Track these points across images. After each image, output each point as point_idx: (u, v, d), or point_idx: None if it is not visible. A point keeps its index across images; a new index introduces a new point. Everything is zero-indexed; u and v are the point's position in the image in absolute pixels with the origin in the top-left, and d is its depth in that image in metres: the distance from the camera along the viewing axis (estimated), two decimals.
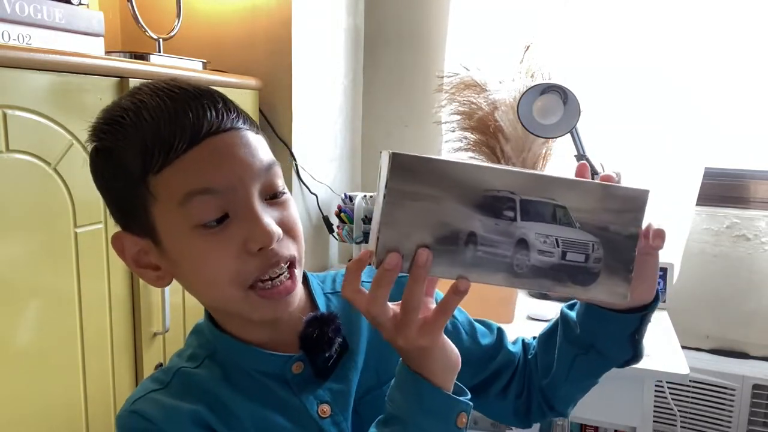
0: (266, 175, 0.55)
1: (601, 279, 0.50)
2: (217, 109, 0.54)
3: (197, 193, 0.52)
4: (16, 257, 0.88)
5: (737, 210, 1.75)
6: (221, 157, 0.53)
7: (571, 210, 0.49)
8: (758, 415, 1.68)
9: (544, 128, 1.56)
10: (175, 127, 0.52)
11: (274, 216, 0.55)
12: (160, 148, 0.52)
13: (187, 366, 0.62)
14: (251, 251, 0.53)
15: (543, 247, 0.48)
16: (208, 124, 0.53)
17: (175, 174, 0.52)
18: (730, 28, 1.59)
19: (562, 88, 1.53)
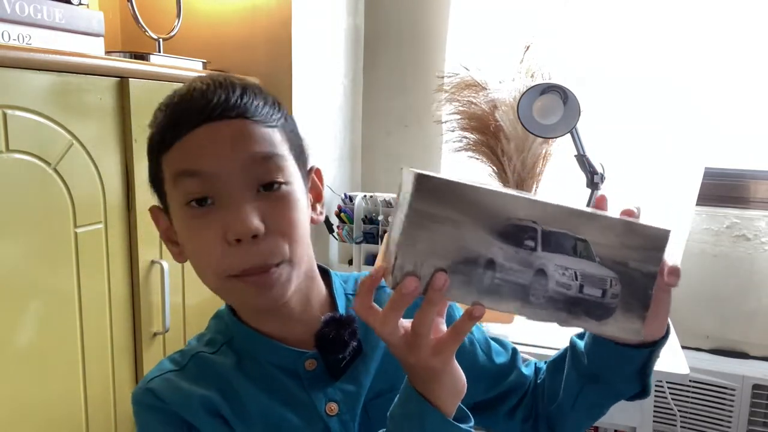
0: (258, 168, 0.55)
1: (617, 315, 0.50)
2: (228, 97, 0.55)
3: (185, 174, 0.54)
4: (16, 257, 0.88)
5: (737, 210, 1.75)
6: (213, 143, 0.54)
7: (592, 244, 0.48)
8: (758, 415, 1.68)
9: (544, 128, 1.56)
10: (185, 110, 0.55)
11: (262, 209, 0.54)
12: (171, 129, 0.55)
13: (204, 351, 0.63)
14: (230, 241, 0.53)
15: (561, 279, 0.48)
16: (211, 109, 0.54)
17: (176, 154, 0.55)
18: (730, 28, 1.59)
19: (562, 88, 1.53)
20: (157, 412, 0.59)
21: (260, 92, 0.59)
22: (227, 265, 0.54)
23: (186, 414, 0.58)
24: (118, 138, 1.07)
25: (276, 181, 0.56)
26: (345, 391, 0.62)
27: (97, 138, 1.02)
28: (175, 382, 0.60)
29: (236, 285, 0.55)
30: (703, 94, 1.63)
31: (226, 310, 0.66)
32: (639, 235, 0.49)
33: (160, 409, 0.59)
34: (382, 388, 0.64)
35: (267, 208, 0.55)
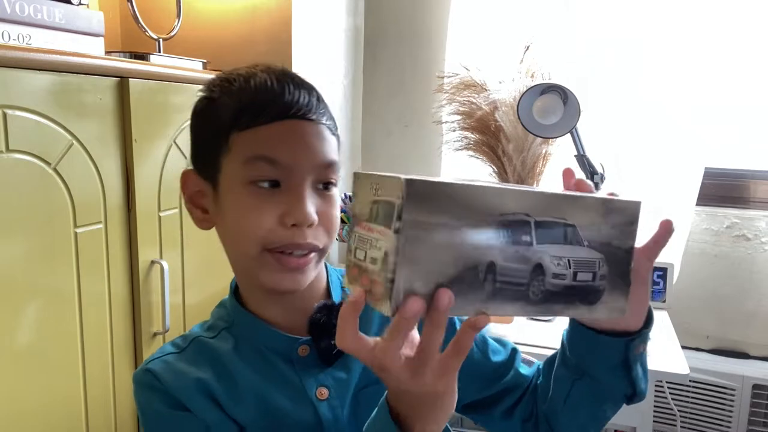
0: (324, 170, 0.61)
1: (605, 296, 0.49)
2: (310, 99, 0.61)
3: (262, 159, 0.59)
4: (16, 257, 0.88)
5: (737, 210, 1.75)
6: (294, 139, 0.60)
7: (579, 228, 0.48)
8: (758, 415, 1.68)
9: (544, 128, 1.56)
10: (270, 100, 0.60)
11: (317, 204, 0.60)
12: (251, 112, 0.59)
13: (204, 335, 0.67)
14: (285, 224, 0.59)
15: (557, 270, 0.47)
16: (296, 108, 0.60)
17: (253, 137, 0.59)
18: (730, 28, 1.59)
19: (562, 88, 1.53)
20: (155, 392, 0.62)
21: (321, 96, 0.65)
22: (272, 238, 0.59)
23: (181, 396, 0.62)
24: (118, 138, 1.07)
25: (331, 182, 0.62)
26: (336, 378, 0.65)
27: (97, 138, 1.02)
28: (173, 365, 0.64)
29: (269, 260, 0.60)
30: (703, 94, 1.63)
31: (230, 298, 0.69)
32: (617, 211, 0.50)
33: (158, 389, 0.62)
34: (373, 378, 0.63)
35: (320, 204, 0.61)
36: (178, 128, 1.22)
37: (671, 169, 1.69)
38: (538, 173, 1.73)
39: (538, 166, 1.72)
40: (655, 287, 1.56)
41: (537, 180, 1.73)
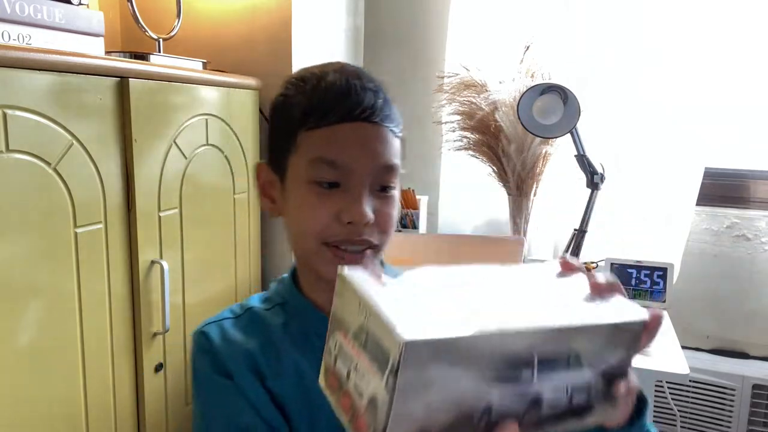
0: (383, 173, 0.64)
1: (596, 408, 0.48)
2: (375, 102, 0.63)
3: (324, 162, 0.62)
4: (16, 257, 0.88)
5: (737, 210, 1.75)
6: (356, 142, 0.62)
7: (582, 354, 0.45)
8: (758, 415, 1.68)
9: (544, 128, 1.56)
10: (336, 101, 0.62)
11: (374, 205, 0.63)
12: (318, 113, 0.62)
13: (259, 307, 0.72)
14: (341, 221, 0.62)
15: (554, 400, 0.45)
16: (360, 111, 0.62)
17: (318, 138, 0.63)
18: (730, 28, 1.59)
19: (562, 88, 1.53)
20: (206, 354, 0.68)
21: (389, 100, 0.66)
22: (329, 234, 0.63)
23: (228, 363, 0.66)
24: (118, 138, 1.07)
25: (390, 186, 0.65)
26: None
27: (97, 138, 1.02)
28: (227, 331, 0.68)
29: (326, 253, 0.64)
30: (703, 95, 1.63)
31: (288, 277, 0.73)
32: (622, 332, 0.48)
33: (209, 352, 0.67)
34: None
35: (377, 205, 0.64)
36: (178, 128, 1.22)
37: (671, 169, 1.69)
38: (538, 173, 1.73)
39: (538, 166, 1.72)
40: (655, 287, 1.56)
41: (537, 180, 1.73)
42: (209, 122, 1.31)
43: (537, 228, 1.80)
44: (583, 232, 1.65)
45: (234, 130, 1.41)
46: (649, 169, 1.71)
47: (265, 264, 1.62)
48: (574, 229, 1.68)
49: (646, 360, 1.19)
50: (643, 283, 1.57)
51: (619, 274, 1.59)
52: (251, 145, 1.49)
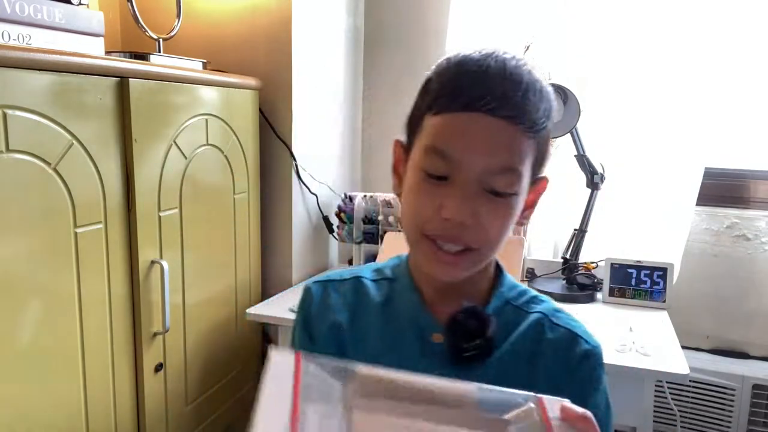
0: (497, 174, 0.58)
1: None
2: (507, 96, 0.57)
3: (434, 152, 0.59)
4: (16, 257, 0.88)
5: (737, 210, 1.75)
6: (471, 134, 0.57)
7: None
8: (758, 415, 1.68)
9: None
10: (466, 88, 0.58)
11: (481, 206, 0.59)
12: (445, 98, 0.59)
13: (368, 277, 0.72)
14: (441, 216, 0.59)
15: None
16: (487, 101, 0.56)
17: (437, 124, 0.59)
18: (730, 28, 1.59)
19: (562, 88, 1.53)
20: (302, 312, 0.72)
21: (538, 95, 0.60)
22: (429, 225, 0.60)
23: (316, 328, 0.69)
24: (118, 138, 1.07)
25: (506, 192, 0.59)
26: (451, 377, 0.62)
27: (97, 138, 1.02)
28: (328, 291, 0.71)
29: (424, 244, 0.61)
30: (703, 94, 1.63)
31: (406, 256, 0.72)
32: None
33: (305, 307, 0.71)
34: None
35: (485, 207, 0.59)
36: (178, 128, 1.22)
37: (671, 169, 1.68)
38: None
39: None
40: (655, 287, 1.56)
41: None
42: (209, 122, 1.31)
43: (537, 228, 1.80)
44: (583, 232, 1.65)
45: (234, 130, 1.41)
46: (649, 169, 1.71)
47: (265, 264, 1.62)
48: (574, 229, 1.68)
49: (646, 360, 1.19)
50: (643, 283, 1.57)
51: (619, 274, 1.59)
52: (251, 145, 1.49)
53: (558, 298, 1.57)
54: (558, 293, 1.59)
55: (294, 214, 1.63)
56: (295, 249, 1.64)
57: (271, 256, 1.64)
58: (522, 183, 0.60)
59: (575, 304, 1.56)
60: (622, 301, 1.57)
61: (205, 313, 1.36)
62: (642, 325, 1.40)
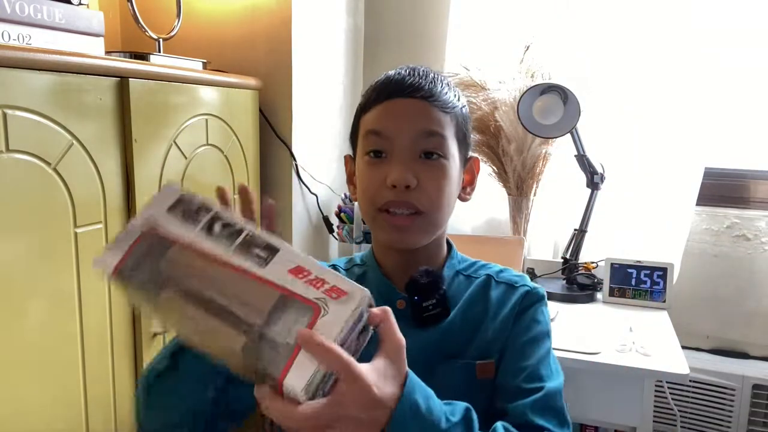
0: (422, 139, 0.71)
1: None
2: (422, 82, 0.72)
3: (371, 133, 0.73)
4: (16, 257, 0.88)
5: (737, 210, 1.75)
6: (396, 114, 0.72)
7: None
8: (758, 415, 1.68)
9: (544, 128, 1.56)
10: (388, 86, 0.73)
11: (419, 171, 0.70)
12: (373, 97, 0.74)
13: (340, 266, 0.84)
14: (388, 185, 0.70)
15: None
16: (404, 88, 0.72)
17: (370, 116, 0.74)
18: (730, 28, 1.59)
19: (562, 88, 1.53)
20: None
21: (448, 85, 0.75)
22: (378, 198, 0.71)
23: None
24: (118, 138, 1.07)
25: (435, 152, 0.71)
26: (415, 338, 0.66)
27: (97, 138, 1.02)
28: None
29: (379, 216, 0.72)
30: (703, 94, 1.63)
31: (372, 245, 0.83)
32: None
33: None
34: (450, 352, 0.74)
35: (423, 171, 0.71)
36: (178, 128, 1.22)
37: (671, 169, 1.69)
38: (538, 173, 1.73)
39: (538, 166, 1.72)
40: (655, 287, 1.56)
41: (537, 180, 1.73)
42: (209, 122, 1.31)
43: (537, 228, 1.80)
44: (583, 232, 1.65)
45: (234, 130, 1.41)
46: (649, 169, 1.71)
47: None
48: (574, 229, 1.68)
49: (646, 360, 1.19)
50: (643, 283, 1.57)
51: (619, 274, 1.59)
52: (251, 145, 1.49)
53: (558, 298, 1.58)
54: (558, 293, 1.59)
55: (294, 214, 1.63)
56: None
57: None
58: (446, 149, 0.72)
59: (575, 304, 1.56)
60: (622, 301, 1.57)
61: None
62: (642, 325, 1.40)
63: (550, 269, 1.71)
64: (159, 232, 0.54)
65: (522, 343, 0.74)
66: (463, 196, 0.80)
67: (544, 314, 0.78)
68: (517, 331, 0.75)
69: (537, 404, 0.68)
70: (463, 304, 0.76)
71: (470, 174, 0.81)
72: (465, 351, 0.74)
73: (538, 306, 0.77)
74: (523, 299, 0.77)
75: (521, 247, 1.63)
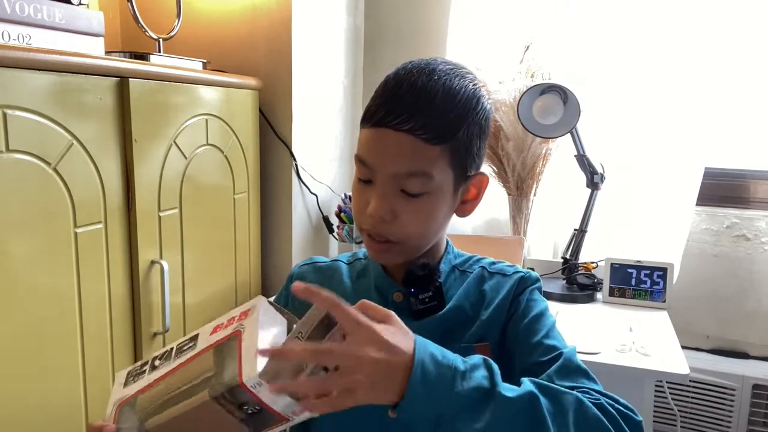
0: (404, 179, 0.68)
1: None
2: (412, 111, 0.67)
3: (359, 160, 0.71)
4: (16, 257, 0.88)
5: (737, 210, 1.75)
6: (380, 147, 0.68)
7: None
8: (758, 415, 1.68)
9: (544, 128, 1.56)
10: (379, 106, 0.69)
11: (398, 205, 0.69)
12: (367, 114, 0.70)
13: (342, 261, 0.86)
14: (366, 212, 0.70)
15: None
16: (392, 118, 0.67)
17: (362, 137, 0.71)
18: (730, 28, 1.59)
19: (562, 88, 1.53)
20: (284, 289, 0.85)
21: (449, 105, 0.68)
22: (362, 221, 0.72)
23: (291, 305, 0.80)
24: (118, 138, 1.07)
25: (416, 193, 0.69)
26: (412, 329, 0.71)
27: (97, 138, 1.02)
28: (305, 279, 0.82)
29: (363, 234, 0.74)
30: (703, 94, 1.63)
31: None
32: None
33: (286, 288, 0.84)
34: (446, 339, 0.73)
35: (402, 205, 0.69)
36: (178, 128, 1.22)
37: (671, 169, 1.69)
38: (538, 173, 1.73)
39: (538, 166, 1.72)
40: (655, 287, 1.56)
41: (537, 180, 1.73)
42: (209, 122, 1.32)
43: (537, 228, 1.80)
44: (583, 232, 1.65)
45: (234, 130, 1.41)
46: (649, 169, 1.71)
47: (265, 264, 1.63)
48: (574, 229, 1.68)
49: (646, 360, 1.19)
50: (643, 283, 1.57)
51: (619, 274, 1.59)
52: (251, 145, 1.49)
53: (558, 298, 1.58)
54: (558, 293, 1.59)
55: (294, 214, 1.63)
56: (295, 249, 1.64)
57: (271, 256, 1.64)
58: (434, 182, 0.69)
59: (575, 304, 1.56)
60: (622, 301, 1.57)
61: (205, 313, 1.36)
62: (642, 325, 1.40)
63: (550, 269, 1.71)
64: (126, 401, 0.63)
65: (527, 323, 0.75)
66: (461, 212, 0.76)
67: (540, 295, 0.80)
68: (519, 316, 0.76)
69: (561, 370, 0.69)
70: (458, 297, 0.78)
71: (476, 189, 0.76)
72: (461, 337, 0.75)
73: (533, 288, 0.79)
74: (517, 285, 0.78)
75: (521, 247, 1.63)
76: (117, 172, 1.07)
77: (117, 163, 1.07)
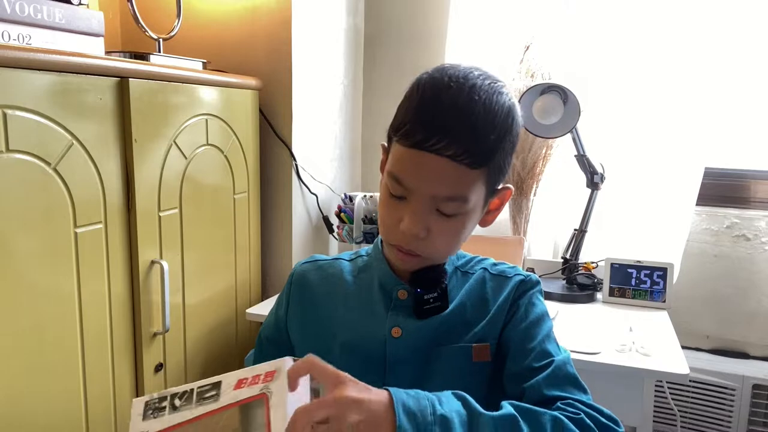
0: (441, 201, 0.69)
1: None
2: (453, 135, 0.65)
3: (394, 178, 0.70)
4: (16, 257, 0.88)
5: (737, 210, 1.75)
6: (420, 170, 0.67)
7: None
8: (758, 415, 1.68)
9: (544, 128, 1.57)
10: (419, 127, 0.67)
11: (433, 223, 0.70)
12: (404, 131, 0.68)
13: (344, 258, 0.87)
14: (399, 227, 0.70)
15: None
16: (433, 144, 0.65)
17: (398, 153, 0.70)
18: (730, 28, 1.59)
19: (562, 88, 1.53)
20: (286, 287, 0.86)
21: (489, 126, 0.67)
22: (392, 235, 0.73)
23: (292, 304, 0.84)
24: (118, 138, 1.07)
25: (452, 213, 0.70)
26: (416, 325, 0.76)
27: (97, 138, 1.02)
28: (306, 276, 0.85)
29: (389, 247, 0.75)
30: (703, 94, 1.63)
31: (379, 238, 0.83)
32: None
33: (289, 285, 0.86)
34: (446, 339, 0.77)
35: (436, 224, 0.70)
36: (178, 128, 1.22)
37: (671, 169, 1.69)
38: (538, 173, 1.73)
39: (538, 166, 1.72)
40: (655, 287, 1.56)
41: (537, 180, 1.73)
42: (209, 122, 1.32)
43: (537, 228, 1.80)
44: (583, 232, 1.65)
45: (234, 130, 1.41)
46: (649, 169, 1.71)
47: (265, 264, 1.63)
48: (574, 229, 1.68)
49: (646, 360, 1.19)
50: (643, 283, 1.57)
51: (619, 274, 1.59)
52: (251, 145, 1.49)
53: (558, 298, 1.58)
54: (558, 293, 1.59)
55: (294, 214, 1.63)
56: (295, 249, 1.64)
57: (271, 256, 1.64)
58: (469, 204, 0.69)
59: (575, 304, 1.56)
60: (622, 301, 1.57)
61: (205, 313, 1.36)
62: (642, 325, 1.40)
63: (550, 269, 1.71)
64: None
65: (524, 327, 0.75)
66: (483, 222, 0.77)
67: (540, 299, 0.80)
68: (517, 319, 0.77)
69: (550, 378, 0.70)
70: (460, 299, 0.79)
71: (499, 200, 0.77)
72: (461, 337, 0.77)
73: (533, 292, 0.79)
74: (517, 287, 0.79)
75: (521, 247, 1.63)
76: (117, 172, 1.07)
77: (117, 163, 1.07)
